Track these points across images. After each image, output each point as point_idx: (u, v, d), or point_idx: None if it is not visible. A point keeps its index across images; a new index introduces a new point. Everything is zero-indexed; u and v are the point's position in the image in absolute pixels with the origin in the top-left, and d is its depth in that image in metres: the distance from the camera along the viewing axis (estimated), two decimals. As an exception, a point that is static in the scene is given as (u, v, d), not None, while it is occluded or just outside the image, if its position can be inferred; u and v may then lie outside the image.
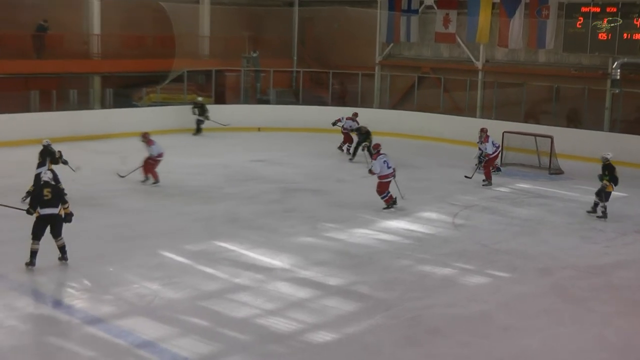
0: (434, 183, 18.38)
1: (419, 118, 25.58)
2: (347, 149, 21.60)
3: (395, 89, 28.13)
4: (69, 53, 25.37)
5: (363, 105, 25.97)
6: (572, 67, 24.06)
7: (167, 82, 26.04)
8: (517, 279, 11.57)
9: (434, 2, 26.70)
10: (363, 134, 20.66)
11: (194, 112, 24.41)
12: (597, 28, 22.53)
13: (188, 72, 26.05)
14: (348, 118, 21.84)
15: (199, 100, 24.69)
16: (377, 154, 15.56)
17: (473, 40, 25.73)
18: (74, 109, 23.78)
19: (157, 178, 16.99)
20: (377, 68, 28.61)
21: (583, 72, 23.76)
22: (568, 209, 16.01)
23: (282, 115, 26.25)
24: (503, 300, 10.62)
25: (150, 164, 17.01)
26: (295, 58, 30.27)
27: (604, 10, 22.50)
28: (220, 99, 26.93)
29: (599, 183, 15.27)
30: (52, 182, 11.67)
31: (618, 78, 22.06)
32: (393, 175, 15.44)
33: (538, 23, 24.06)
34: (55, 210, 11.15)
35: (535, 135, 20.57)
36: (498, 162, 19.63)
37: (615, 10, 22.33)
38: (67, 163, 15.24)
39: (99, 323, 9.32)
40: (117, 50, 26.44)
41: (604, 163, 15.26)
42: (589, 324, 9.99)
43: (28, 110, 22.90)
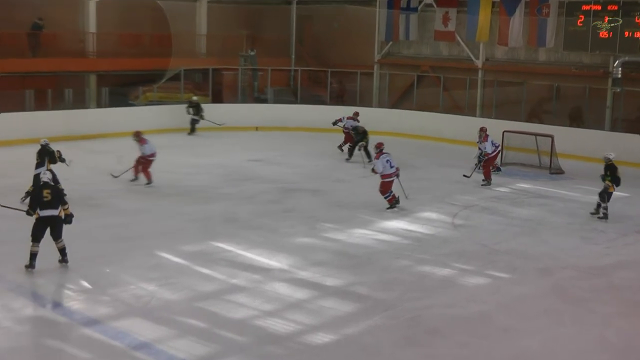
0: (434, 183, 18.32)
1: (418, 117, 25.49)
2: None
3: (394, 88, 28.08)
4: (65, 51, 25.29)
5: (362, 104, 25.88)
6: (572, 65, 24.01)
7: (163, 80, 26.00)
8: (517, 280, 11.54)
9: (434, 0, 26.59)
10: (360, 134, 20.54)
11: (189, 111, 24.33)
12: (597, 28, 22.48)
13: (185, 70, 25.95)
14: (349, 117, 21.60)
15: (194, 100, 24.58)
16: (379, 153, 15.43)
17: (473, 39, 25.68)
18: (70, 108, 23.69)
19: (150, 179, 16.83)
20: (376, 67, 28.54)
21: (584, 70, 23.74)
22: (569, 209, 15.94)
23: (279, 115, 26.18)
24: (503, 301, 10.59)
25: (142, 164, 16.86)
26: (293, 57, 30.23)
27: (605, 9, 22.43)
28: (218, 98, 26.87)
29: (601, 183, 15.17)
30: (51, 182, 11.59)
31: (619, 77, 21.95)
32: (396, 175, 15.37)
33: (538, 21, 24.01)
34: (55, 212, 11.07)
35: (536, 135, 20.51)
36: (498, 161, 19.55)
37: (617, 9, 22.25)
38: (64, 161, 15.13)
39: (96, 324, 9.31)
40: (113, 49, 26.34)
41: (606, 163, 15.14)
42: (590, 325, 9.96)
43: (23, 109, 22.82)
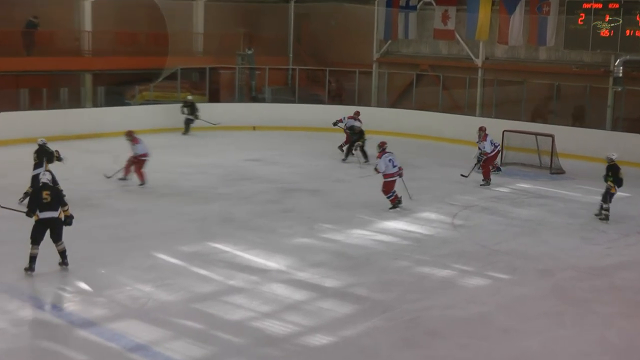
0: (433, 183, 18.24)
1: (418, 116, 25.42)
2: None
3: (393, 87, 28.06)
4: (60, 50, 25.18)
5: (360, 104, 25.79)
6: (573, 64, 23.99)
7: (160, 79, 25.93)
8: (517, 281, 11.51)
9: (433, -2, 26.69)
10: (356, 133, 20.37)
11: (183, 111, 24.25)
12: (597, 28, 22.40)
13: (182, 69, 25.92)
14: (350, 117, 21.27)
15: (189, 99, 24.51)
16: (382, 152, 15.36)
17: (472, 37, 25.65)
18: (65, 108, 23.72)
19: (143, 179, 16.69)
20: (374, 65, 28.48)
21: (585, 69, 23.73)
22: (569, 210, 15.89)
23: (277, 114, 26.12)
24: (503, 302, 10.57)
25: (135, 164, 16.70)
26: (291, 55, 30.18)
27: (606, 7, 22.39)
28: (215, 97, 26.80)
29: (602, 183, 15.08)
30: (50, 183, 11.45)
31: (620, 76, 21.94)
32: (399, 175, 15.33)
33: (539, 19, 23.98)
34: (55, 214, 10.95)
35: (536, 134, 20.47)
36: (498, 161, 19.48)
37: (618, 7, 22.17)
38: (61, 160, 14.98)
39: (91, 326, 9.26)
40: (109, 48, 26.21)
41: (609, 164, 15.01)
42: (591, 326, 9.91)
43: (18, 109, 22.77)
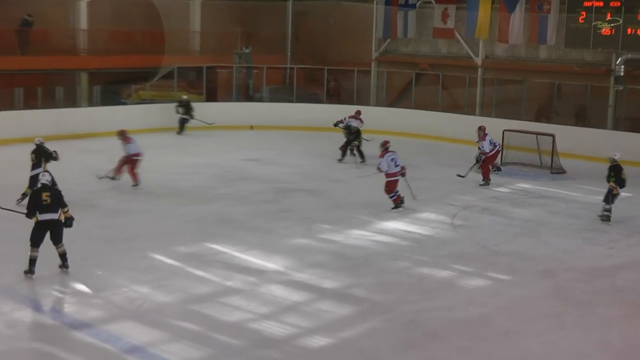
0: (433, 183, 18.14)
1: (417, 116, 25.35)
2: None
3: (392, 86, 28.02)
4: (55, 49, 25.11)
5: (359, 103, 25.64)
6: (574, 63, 23.95)
7: (156, 78, 25.89)
8: (517, 282, 11.48)
9: (432, -4, 26.67)
10: (353, 133, 20.14)
11: (178, 110, 24.14)
12: (598, 27, 22.32)
13: (178, 68, 25.86)
14: (351, 116, 20.89)
15: (184, 99, 24.41)
16: (385, 151, 15.26)
17: (472, 36, 25.61)
18: (60, 107, 23.57)
19: (136, 180, 16.53)
20: (373, 64, 28.42)
21: (586, 68, 23.69)
22: (570, 210, 15.82)
23: (275, 113, 26.03)
24: (503, 303, 10.52)
25: (127, 163, 16.54)
26: (289, 54, 30.14)
27: (607, 5, 22.34)
28: (212, 97, 26.77)
29: (604, 183, 14.99)
30: (50, 184, 11.27)
31: (622, 74, 21.89)
32: (402, 174, 15.27)
33: (539, 18, 23.94)
34: (55, 216, 10.81)
35: (537, 134, 20.39)
36: (498, 161, 19.40)
37: (619, 5, 22.12)
38: (57, 159, 14.79)
39: (87, 328, 9.22)
40: (104, 46, 26.18)
41: (611, 164, 14.90)
42: (592, 328, 9.86)
43: (12, 108, 22.64)
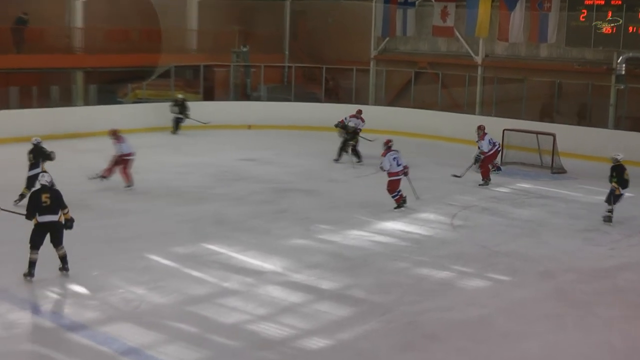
0: (432, 183, 18.00)
1: (416, 115, 25.27)
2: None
3: (391, 85, 28.00)
4: (51, 47, 25.05)
5: (357, 102, 25.61)
6: (575, 62, 23.85)
7: (153, 77, 25.82)
8: (517, 283, 11.44)
9: (432, -6, 26.64)
10: (350, 133, 19.93)
11: (173, 110, 24.05)
12: (598, 27, 22.20)
13: (175, 67, 25.79)
14: (352, 116, 20.59)
15: (180, 98, 24.34)
16: (387, 150, 15.19)
17: (472, 34, 25.52)
18: (56, 106, 23.58)
19: (129, 181, 16.38)
20: (372, 63, 28.35)
21: (586, 67, 23.63)
22: (571, 210, 15.75)
23: (273, 113, 25.95)
24: (503, 305, 10.50)
25: (119, 163, 16.38)
26: (287, 53, 30.18)
27: (608, 3, 22.24)
28: (209, 96, 26.73)
29: (605, 183, 14.90)
30: (49, 185, 11.10)
31: (623, 73, 21.83)
32: (404, 173, 15.20)
33: (540, 16, 23.85)
34: (55, 217, 10.71)
35: (537, 133, 20.27)
36: (498, 161, 19.30)
37: (620, 3, 22.00)
38: (53, 159, 14.66)
39: (83, 329, 9.20)
40: (101, 45, 26.13)
41: (614, 164, 14.75)
42: (593, 329, 9.81)
43: (7, 107, 22.57)
